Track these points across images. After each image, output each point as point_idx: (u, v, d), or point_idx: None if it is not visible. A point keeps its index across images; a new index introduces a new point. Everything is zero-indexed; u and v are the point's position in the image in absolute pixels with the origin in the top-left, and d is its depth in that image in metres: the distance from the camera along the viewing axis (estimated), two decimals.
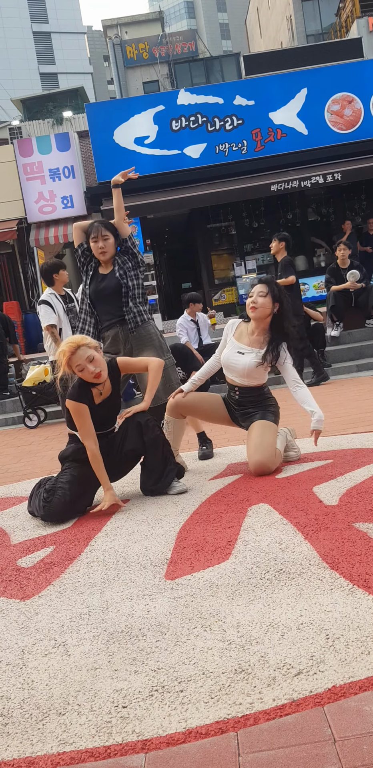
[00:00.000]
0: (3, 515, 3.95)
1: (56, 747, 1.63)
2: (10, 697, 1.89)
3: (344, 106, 14.44)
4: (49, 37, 48.06)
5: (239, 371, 4.03)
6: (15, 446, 6.94)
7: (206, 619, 2.17)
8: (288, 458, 4.14)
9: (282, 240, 7.99)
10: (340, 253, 9.42)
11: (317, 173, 13.43)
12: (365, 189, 15.08)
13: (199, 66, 24.83)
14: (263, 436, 3.90)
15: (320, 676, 1.74)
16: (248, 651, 1.92)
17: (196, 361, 7.44)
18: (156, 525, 3.24)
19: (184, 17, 62.99)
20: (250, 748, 1.52)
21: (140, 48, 29.91)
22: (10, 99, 25.65)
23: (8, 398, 9.52)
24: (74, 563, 2.90)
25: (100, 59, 51.34)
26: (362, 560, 2.40)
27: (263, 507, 3.25)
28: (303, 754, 1.47)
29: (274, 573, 2.43)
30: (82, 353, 3.57)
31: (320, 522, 2.88)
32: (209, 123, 14.36)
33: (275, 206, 15.02)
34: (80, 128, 17.10)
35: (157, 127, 14.30)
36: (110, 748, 1.59)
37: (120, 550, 2.98)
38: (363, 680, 1.70)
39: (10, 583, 2.80)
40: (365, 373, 8.25)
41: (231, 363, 4.06)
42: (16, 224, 14.79)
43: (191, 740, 1.58)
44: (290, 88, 14.36)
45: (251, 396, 4.10)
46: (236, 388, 4.10)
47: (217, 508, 3.34)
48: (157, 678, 1.86)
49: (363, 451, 4.05)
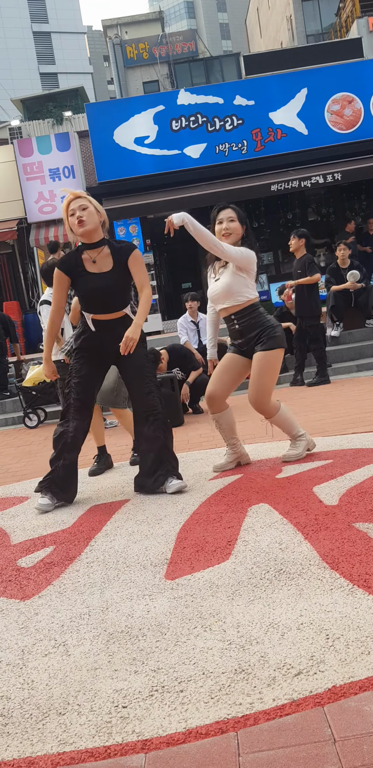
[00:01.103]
0: (3, 515, 3.95)
1: (56, 747, 1.63)
2: (10, 697, 1.89)
3: (344, 106, 14.43)
4: (49, 37, 48.05)
5: (222, 292, 4.04)
6: (15, 446, 6.94)
7: (205, 619, 2.17)
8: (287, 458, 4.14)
9: (302, 237, 7.95)
10: (340, 253, 9.42)
11: (317, 173, 13.43)
12: (365, 189, 15.07)
13: (199, 66, 24.83)
14: (260, 375, 4.00)
15: (320, 676, 1.74)
16: (248, 651, 1.92)
17: (194, 361, 7.44)
18: (156, 525, 3.24)
19: (185, 17, 62.99)
20: (250, 748, 1.52)
21: (140, 48, 29.90)
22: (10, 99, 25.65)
23: (8, 398, 9.52)
24: (74, 563, 2.90)
25: (100, 59, 51.34)
26: (362, 560, 2.40)
27: (263, 507, 3.25)
28: (303, 754, 1.47)
29: (274, 573, 2.43)
30: (81, 201, 3.79)
31: (320, 522, 2.88)
32: (209, 123, 14.36)
33: (275, 206, 15.02)
34: (80, 128, 17.10)
35: (157, 127, 14.29)
36: (110, 748, 1.59)
37: (120, 550, 2.98)
38: (363, 680, 1.70)
39: (10, 583, 2.80)
40: (365, 373, 8.25)
41: (214, 292, 4.09)
42: (16, 224, 14.79)
43: (191, 740, 1.58)
44: (290, 88, 14.36)
45: (248, 319, 4.05)
46: (233, 319, 4.08)
47: (217, 508, 3.34)
48: (157, 678, 1.86)
49: (363, 451, 4.05)
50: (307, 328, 7.98)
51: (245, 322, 4.05)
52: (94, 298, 3.81)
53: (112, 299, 3.84)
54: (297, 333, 8.18)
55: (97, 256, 3.81)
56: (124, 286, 3.88)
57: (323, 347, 8.04)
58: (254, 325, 4.04)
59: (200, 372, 7.37)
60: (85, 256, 3.83)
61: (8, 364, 10.09)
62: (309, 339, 8.01)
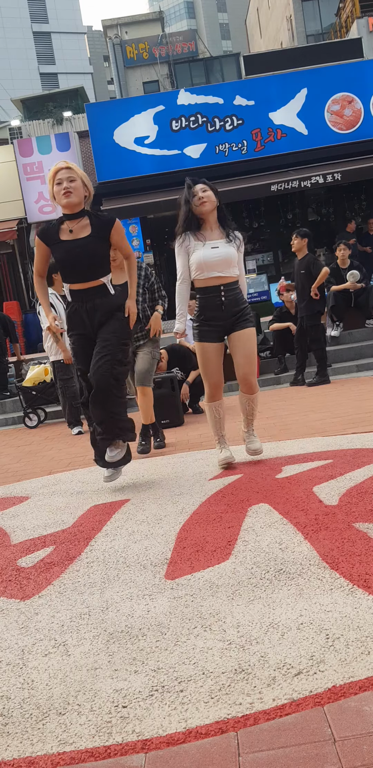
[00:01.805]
0: (3, 515, 3.95)
1: (56, 747, 1.63)
2: (10, 697, 1.89)
3: (344, 106, 14.44)
4: (49, 37, 48.06)
5: (223, 260, 4.11)
6: (15, 446, 6.94)
7: (206, 619, 2.17)
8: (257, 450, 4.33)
9: (305, 236, 7.95)
10: (340, 253, 9.42)
11: (317, 173, 13.44)
12: (365, 189, 15.08)
13: (199, 66, 24.81)
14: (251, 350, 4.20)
15: (320, 676, 1.74)
16: (248, 651, 1.92)
17: (194, 360, 7.44)
18: (156, 525, 3.24)
19: (185, 17, 62.98)
20: (250, 748, 1.52)
21: (140, 48, 29.88)
22: (10, 99, 25.65)
23: (8, 398, 9.52)
24: (74, 563, 2.90)
25: (100, 59, 51.33)
26: (362, 560, 2.40)
27: (263, 507, 3.25)
28: (303, 754, 1.47)
29: (274, 573, 2.43)
30: (70, 173, 3.78)
31: (320, 522, 2.88)
32: (209, 123, 14.37)
33: (275, 206, 15.03)
34: (80, 128, 17.11)
35: (157, 127, 14.30)
36: (110, 748, 1.59)
37: (120, 550, 2.98)
38: (363, 680, 1.70)
39: (10, 583, 2.80)
40: (365, 373, 8.25)
41: (211, 259, 4.10)
42: (16, 224, 14.79)
43: (191, 740, 1.58)
44: (290, 88, 14.37)
45: (233, 293, 4.18)
46: (221, 289, 4.14)
47: (217, 508, 3.34)
48: (157, 678, 1.86)
49: (363, 451, 4.05)
50: (307, 328, 7.98)
51: (231, 295, 4.16)
52: (69, 264, 3.81)
53: (87, 265, 3.81)
54: (298, 333, 8.18)
55: (75, 225, 3.82)
56: (101, 255, 3.85)
57: (324, 347, 8.03)
58: (237, 301, 4.19)
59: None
60: (63, 226, 3.84)
61: (8, 364, 10.09)
62: (310, 339, 8.01)
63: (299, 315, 8.11)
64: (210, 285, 4.15)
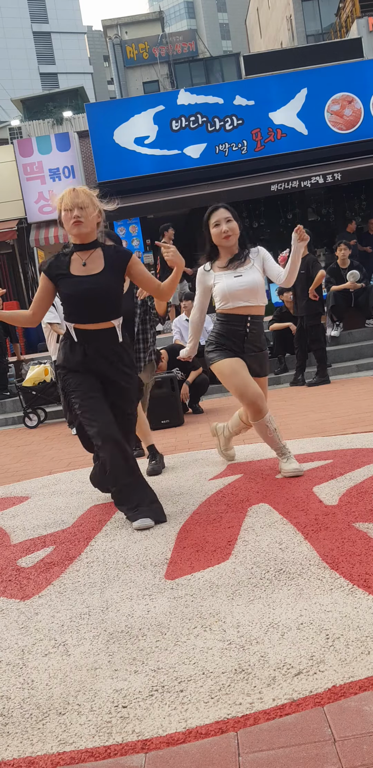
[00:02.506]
0: (3, 515, 3.95)
1: (56, 747, 1.63)
2: (10, 697, 1.89)
3: (344, 106, 14.44)
4: (49, 37, 48.10)
5: (250, 288, 3.83)
6: (15, 446, 6.94)
7: (206, 619, 2.17)
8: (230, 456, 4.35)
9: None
10: (340, 253, 9.42)
11: (317, 173, 13.44)
12: (365, 189, 15.08)
13: (199, 66, 24.82)
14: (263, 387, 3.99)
15: (320, 676, 1.74)
16: (248, 651, 1.92)
17: (194, 360, 7.45)
18: (156, 525, 3.24)
19: (185, 17, 62.99)
20: (250, 748, 1.52)
21: (140, 48, 29.90)
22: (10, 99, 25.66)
23: (8, 398, 9.52)
24: (74, 563, 2.90)
25: (100, 59, 51.35)
26: (362, 560, 2.40)
27: (263, 507, 3.25)
28: (303, 754, 1.47)
29: (274, 573, 2.43)
30: (80, 198, 3.31)
31: (320, 522, 2.88)
32: (208, 123, 14.37)
33: (275, 206, 15.03)
34: (80, 128, 17.12)
35: (157, 127, 14.30)
36: (110, 748, 1.59)
37: (120, 550, 2.98)
38: (363, 680, 1.70)
39: (10, 583, 2.80)
40: (365, 373, 8.25)
41: (237, 288, 3.83)
42: (16, 224, 14.80)
43: (191, 740, 1.58)
44: (290, 88, 14.37)
45: (259, 326, 3.94)
46: (248, 319, 3.88)
47: (217, 508, 3.34)
48: (157, 678, 1.86)
49: (363, 451, 4.05)
50: (307, 328, 7.98)
51: (256, 329, 3.92)
52: (80, 302, 3.33)
53: (100, 304, 3.34)
54: (298, 333, 8.18)
55: (88, 258, 3.39)
56: (114, 292, 3.41)
57: (324, 347, 8.03)
58: (260, 337, 3.96)
59: (200, 372, 7.37)
60: (74, 257, 3.41)
61: (8, 364, 10.09)
62: (310, 339, 8.01)
63: (299, 315, 8.11)
64: (236, 314, 3.89)
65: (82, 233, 3.34)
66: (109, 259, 3.41)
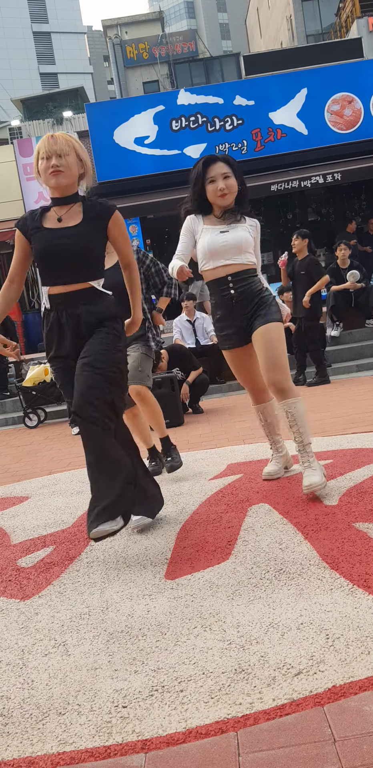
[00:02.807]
0: (3, 515, 3.95)
1: (56, 747, 1.63)
2: (10, 697, 1.89)
3: (344, 106, 14.43)
4: (49, 37, 48.10)
5: (234, 244, 3.43)
6: (15, 446, 6.94)
7: (206, 619, 2.17)
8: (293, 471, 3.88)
9: (305, 237, 7.93)
10: (340, 253, 9.43)
11: (317, 173, 13.43)
12: (365, 189, 15.08)
13: (199, 66, 24.82)
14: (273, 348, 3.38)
15: (320, 676, 1.74)
16: (248, 651, 1.92)
17: (194, 360, 7.46)
18: (156, 525, 3.24)
19: (185, 17, 63.00)
20: (250, 748, 1.52)
21: (140, 48, 29.89)
22: (10, 99, 25.66)
23: (8, 398, 9.52)
24: (74, 563, 2.90)
25: (100, 59, 51.36)
26: (362, 560, 2.40)
27: (263, 507, 3.25)
28: (303, 754, 1.47)
29: (274, 573, 2.43)
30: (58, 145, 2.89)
31: (320, 522, 2.88)
32: (208, 123, 14.36)
33: (275, 206, 15.02)
34: (80, 128, 17.10)
35: (157, 127, 14.29)
36: (110, 748, 1.59)
37: (120, 550, 2.98)
38: (363, 680, 1.70)
39: (10, 583, 2.80)
40: (365, 373, 8.25)
41: (219, 244, 3.43)
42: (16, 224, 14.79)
43: (191, 740, 1.58)
44: (290, 88, 14.36)
45: (245, 284, 3.47)
46: (229, 280, 3.45)
47: (217, 508, 3.34)
48: (157, 678, 1.86)
49: (363, 451, 4.05)
50: (306, 329, 7.98)
51: (241, 287, 3.45)
52: (52, 259, 2.89)
53: (73, 261, 2.87)
54: (296, 333, 8.18)
55: (65, 212, 2.96)
56: (92, 250, 2.92)
57: (321, 348, 8.03)
58: (252, 293, 3.46)
59: (200, 372, 7.37)
60: (49, 213, 3.01)
61: (8, 364, 10.09)
62: (307, 339, 8.01)
63: (298, 315, 8.12)
64: (218, 277, 3.48)
65: (61, 185, 2.93)
66: (88, 212, 2.96)
